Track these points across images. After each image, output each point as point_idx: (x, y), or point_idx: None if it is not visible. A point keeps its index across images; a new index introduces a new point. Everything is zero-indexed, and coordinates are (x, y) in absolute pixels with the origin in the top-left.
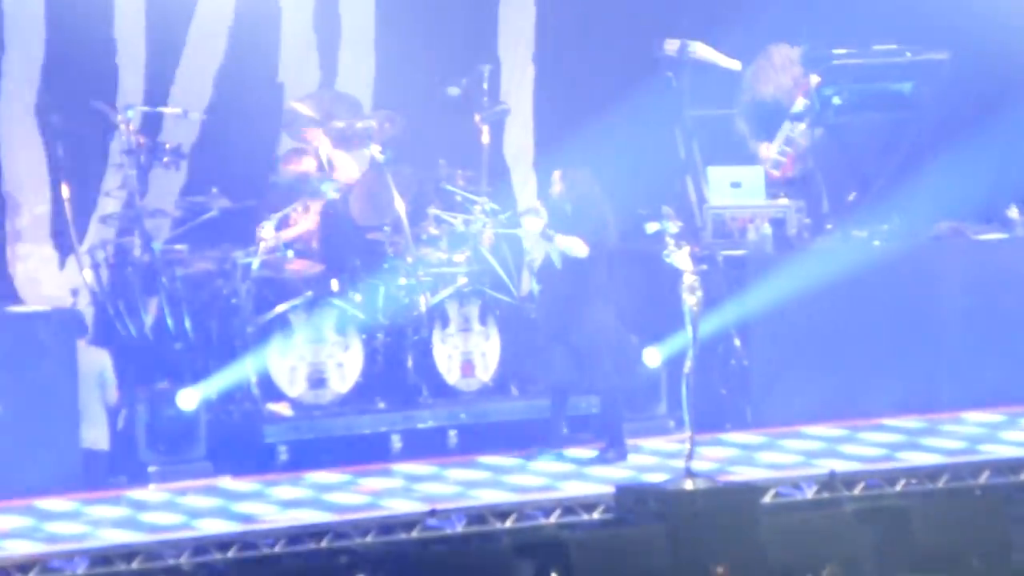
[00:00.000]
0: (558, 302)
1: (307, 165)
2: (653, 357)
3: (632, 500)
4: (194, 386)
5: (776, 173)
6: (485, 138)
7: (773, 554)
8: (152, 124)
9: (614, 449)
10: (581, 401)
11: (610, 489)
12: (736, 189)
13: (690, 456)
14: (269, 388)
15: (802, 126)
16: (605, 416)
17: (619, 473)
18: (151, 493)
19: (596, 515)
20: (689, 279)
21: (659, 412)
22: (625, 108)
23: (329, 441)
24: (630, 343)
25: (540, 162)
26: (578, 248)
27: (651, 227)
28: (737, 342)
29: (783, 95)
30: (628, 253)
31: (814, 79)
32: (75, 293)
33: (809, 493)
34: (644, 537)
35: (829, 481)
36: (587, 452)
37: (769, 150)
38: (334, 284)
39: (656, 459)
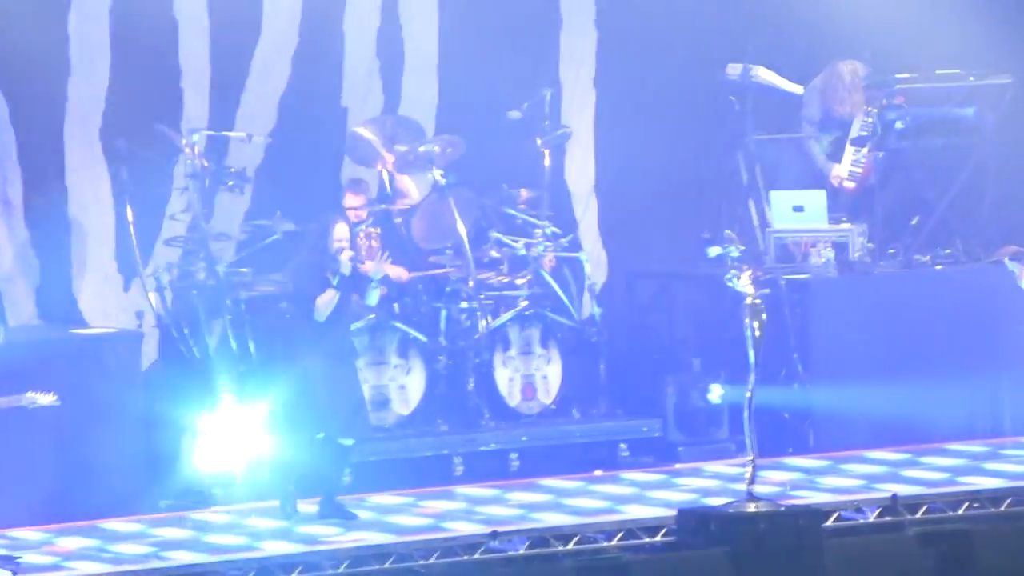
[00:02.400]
0: None
1: (366, 195)
2: (716, 393)
3: (694, 523)
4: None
5: (853, 185)
6: (546, 162)
7: None
8: (217, 148)
9: None
10: (643, 424)
11: (672, 512)
12: (798, 213)
13: (752, 480)
14: None
15: (864, 149)
16: None
17: (682, 496)
18: (214, 514)
19: (658, 538)
20: (751, 303)
21: (720, 436)
22: (687, 132)
23: (391, 463)
24: None
25: (602, 186)
26: None
27: (713, 251)
28: (800, 367)
29: (854, 111)
30: (690, 277)
31: (880, 102)
32: (140, 316)
33: (871, 517)
34: (705, 561)
35: (891, 505)
36: (649, 475)
37: (841, 169)
38: (396, 307)
39: (718, 482)
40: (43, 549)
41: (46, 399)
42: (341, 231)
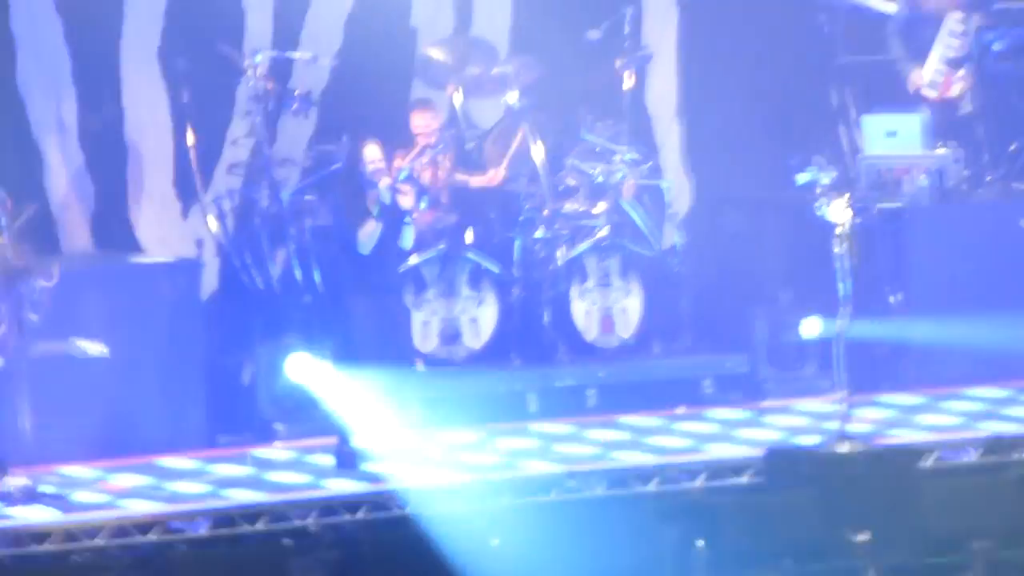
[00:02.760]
0: None
1: (427, 118)
2: (812, 327)
3: (783, 463)
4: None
5: (934, 94)
6: (627, 85)
7: (932, 522)
8: (281, 70)
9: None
10: (727, 360)
11: (759, 452)
12: (892, 139)
13: (845, 418)
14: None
15: (957, 42)
16: None
17: (769, 435)
18: (276, 451)
19: (744, 479)
20: (842, 232)
21: (810, 371)
22: (775, 53)
23: (462, 399)
24: None
25: (685, 110)
26: None
27: (802, 177)
28: (893, 298)
29: (943, 7)
30: (778, 205)
31: (976, 20)
32: (199, 244)
33: (973, 457)
34: (794, 503)
35: (994, 444)
36: (735, 412)
37: (924, 73)
38: (468, 236)
39: (808, 420)
40: (95, 486)
41: (95, 348)
42: (372, 152)
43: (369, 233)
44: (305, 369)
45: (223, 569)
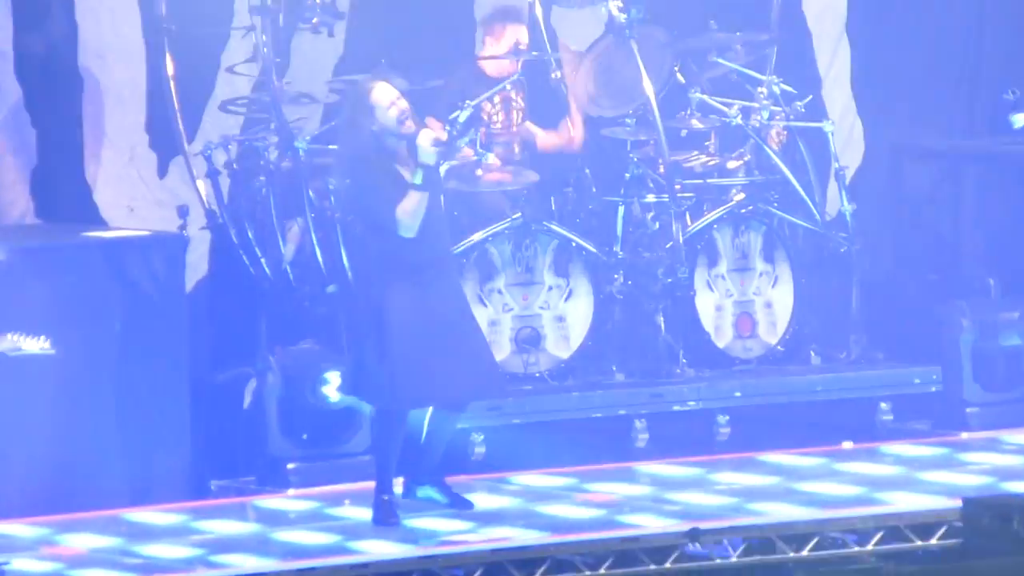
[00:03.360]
0: None
1: (513, 36)
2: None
3: (988, 519)
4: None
5: None
6: None
7: None
8: None
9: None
10: (915, 374)
11: (956, 503)
12: None
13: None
14: None
15: None
16: None
17: (971, 480)
18: (289, 501)
19: (935, 540)
20: None
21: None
22: None
23: (544, 428)
24: None
25: (857, 25)
26: None
27: (1020, 119)
28: None
29: None
30: (986, 159)
31: None
32: (184, 213)
33: None
34: (1006, 573)
35: None
36: (923, 449)
37: None
38: (552, 202)
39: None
40: (40, 552)
41: (34, 344)
42: (383, 93)
43: (412, 210)
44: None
45: None
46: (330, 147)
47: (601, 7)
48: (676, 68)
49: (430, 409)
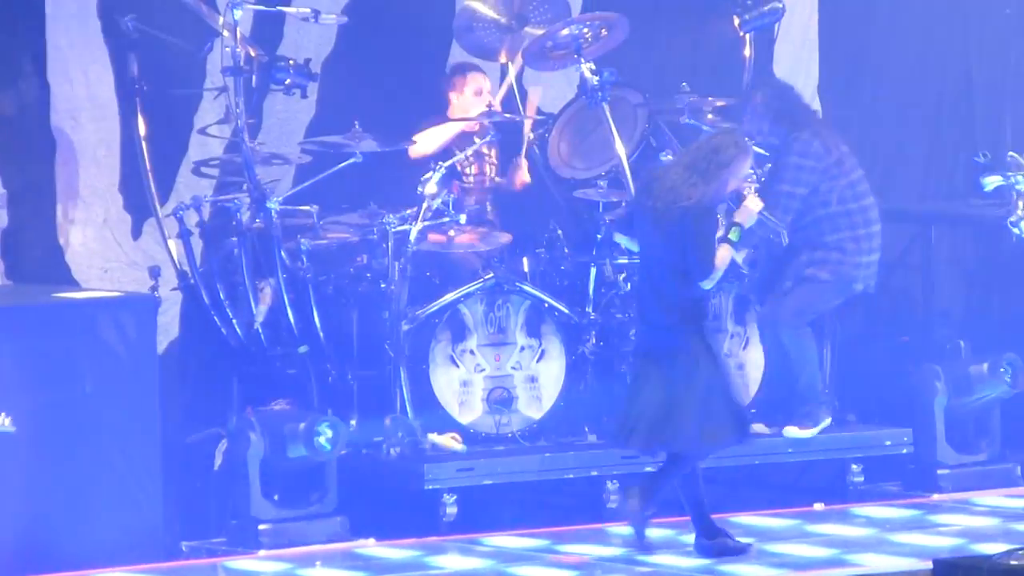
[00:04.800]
0: None
1: (475, 84)
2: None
3: None
4: (336, 419)
5: None
6: (748, 51)
7: None
8: (269, 30)
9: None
10: (886, 436)
11: (927, 565)
12: None
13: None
14: (431, 412)
15: None
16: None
17: (942, 542)
18: (261, 562)
19: None
20: None
21: (997, 452)
22: (951, 10)
23: (516, 489)
24: None
25: (830, 87)
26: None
27: (991, 182)
28: None
29: None
30: (956, 220)
31: None
32: (155, 273)
33: None
34: None
35: None
36: (894, 510)
37: None
38: (524, 263)
39: (994, 521)
40: None
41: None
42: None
43: (722, 265)
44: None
45: None
46: (301, 208)
47: (574, 69)
48: (648, 130)
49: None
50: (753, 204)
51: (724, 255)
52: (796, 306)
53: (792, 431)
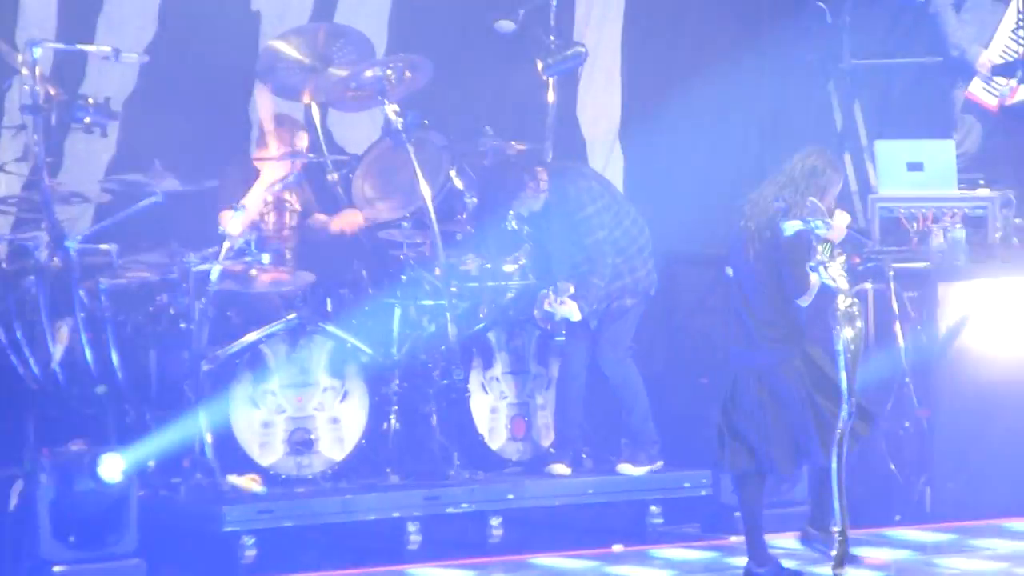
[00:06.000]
0: None
1: (290, 136)
2: None
3: None
4: (122, 449)
5: (993, 101)
6: (551, 95)
7: None
8: (69, 69)
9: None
10: (685, 478)
11: None
12: (916, 173)
13: (842, 560)
14: (231, 453)
15: (1012, 81)
16: None
17: None
18: None
19: None
20: (844, 303)
21: (798, 495)
22: (754, 54)
23: (316, 531)
24: None
25: (630, 130)
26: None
27: (791, 227)
28: (915, 398)
29: None
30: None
31: None
32: None
33: None
34: None
35: None
36: (692, 552)
37: (990, 53)
38: (328, 304)
39: (792, 563)
40: None
41: None
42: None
43: (816, 284)
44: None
45: None
46: (101, 246)
47: (378, 111)
48: (452, 172)
49: None
50: (841, 220)
51: (816, 277)
52: (611, 339)
53: (627, 468)
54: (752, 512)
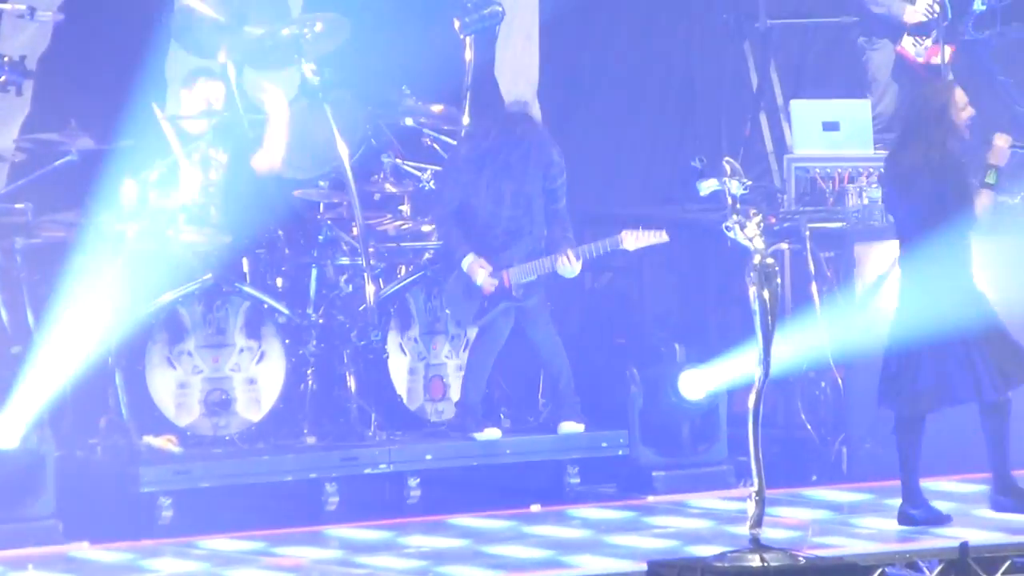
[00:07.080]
0: None
1: (210, 93)
2: (694, 384)
3: None
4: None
5: (920, 57)
6: (468, 54)
7: None
8: None
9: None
10: (602, 438)
11: (641, 566)
12: (832, 133)
13: (758, 521)
14: (147, 413)
15: (928, 40)
16: None
17: (656, 544)
18: None
19: None
20: (760, 262)
21: (714, 456)
22: (671, 13)
23: (234, 492)
24: None
25: (548, 90)
26: None
27: (707, 186)
28: (831, 360)
29: None
30: (673, 224)
31: None
32: None
33: (931, 574)
34: None
35: (959, 559)
36: (609, 512)
37: (917, 6)
38: (244, 264)
39: (709, 523)
40: None
41: None
42: (960, 96)
43: (986, 209)
44: None
45: None
46: (16, 206)
47: (294, 69)
48: (369, 132)
49: None
50: (1002, 141)
51: (985, 201)
52: (542, 306)
53: (569, 426)
54: (911, 455)
